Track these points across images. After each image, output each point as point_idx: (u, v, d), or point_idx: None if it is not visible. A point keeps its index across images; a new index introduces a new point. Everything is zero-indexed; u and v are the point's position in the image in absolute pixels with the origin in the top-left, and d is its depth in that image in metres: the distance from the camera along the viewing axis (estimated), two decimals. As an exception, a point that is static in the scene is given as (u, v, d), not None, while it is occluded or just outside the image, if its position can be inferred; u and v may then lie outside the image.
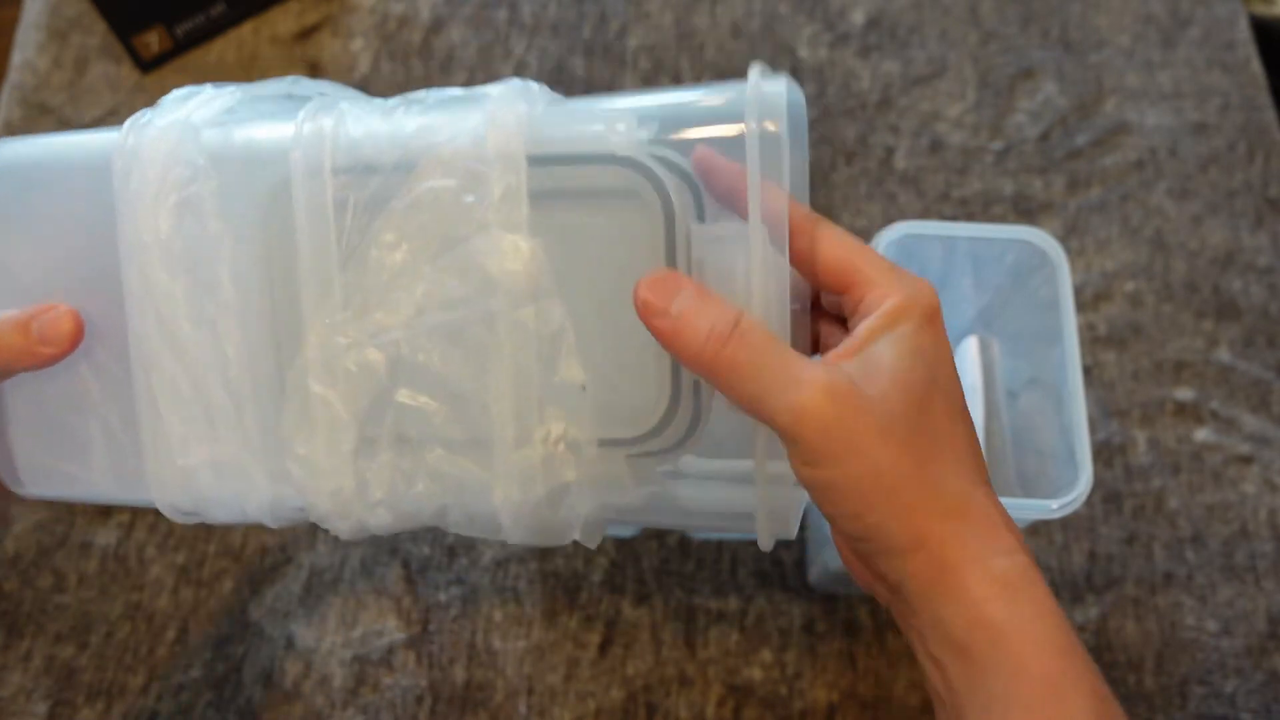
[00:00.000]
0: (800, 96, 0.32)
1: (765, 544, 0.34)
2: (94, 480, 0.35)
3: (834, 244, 0.34)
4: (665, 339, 0.31)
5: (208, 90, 0.35)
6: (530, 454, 0.32)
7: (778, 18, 0.76)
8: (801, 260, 0.34)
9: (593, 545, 0.35)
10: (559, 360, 0.31)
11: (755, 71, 0.32)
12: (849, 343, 0.32)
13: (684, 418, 0.33)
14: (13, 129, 0.72)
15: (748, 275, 0.31)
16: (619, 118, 0.32)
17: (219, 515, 0.35)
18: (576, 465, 0.32)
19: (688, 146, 0.32)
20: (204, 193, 0.32)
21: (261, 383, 0.33)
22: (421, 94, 0.34)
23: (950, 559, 0.30)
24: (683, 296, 0.30)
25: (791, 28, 0.75)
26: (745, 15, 0.76)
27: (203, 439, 0.33)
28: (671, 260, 0.31)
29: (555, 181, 0.31)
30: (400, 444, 0.33)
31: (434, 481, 0.33)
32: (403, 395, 0.32)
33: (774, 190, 0.31)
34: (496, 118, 0.31)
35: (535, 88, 0.34)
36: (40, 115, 0.72)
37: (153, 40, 0.72)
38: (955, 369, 0.33)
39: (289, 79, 0.35)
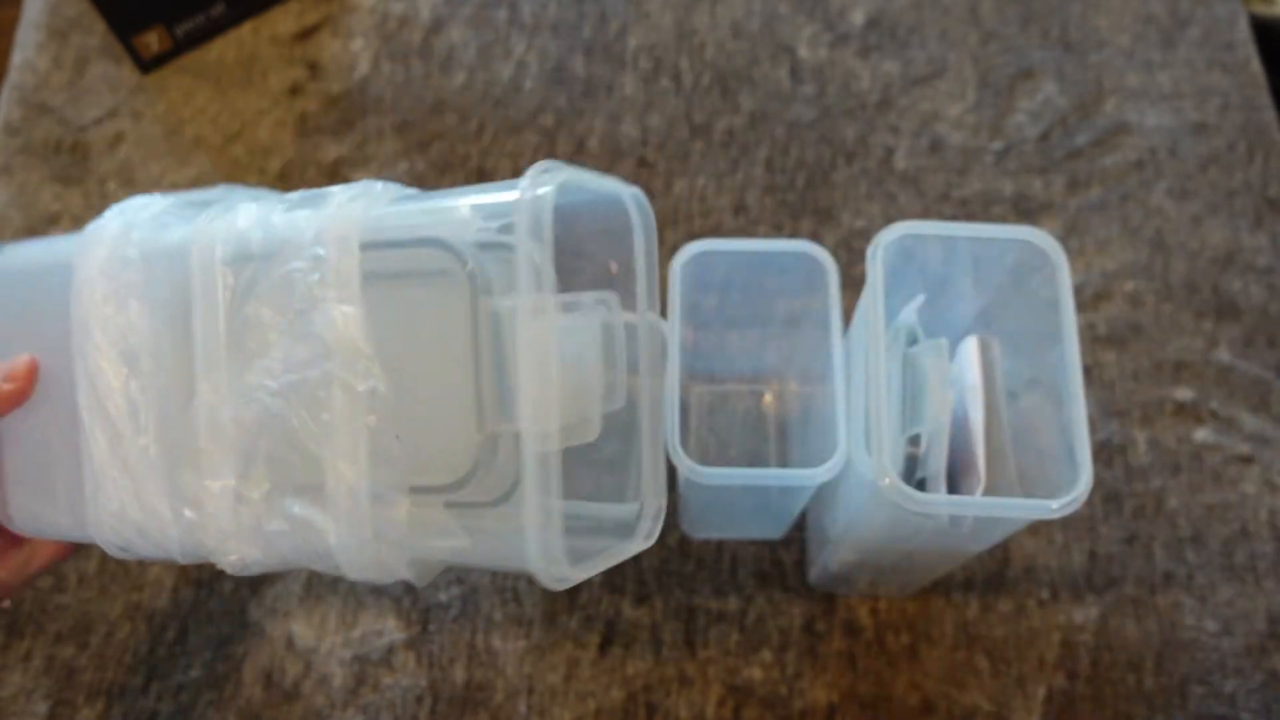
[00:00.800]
0: (627, 198, 0.39)
1: (548, 584, 0.36)
2: (61, 521, 0.41)
3: None
4: None
5: (154, 199, 0.42)
6: (356, 499, 0.36)
7: (778, 18, 0.76)
8: None
9: (420, 585, 0.40)
10: (376, 414, 0.36)
11: (530, 175, 0.35)
12: None
13: (504, 473, 0.36)
14: (13, 129, 0.72)
15: (514, 346, 0.34)
16: (452, 210, 0.37)
17: (147, 553, 0.40)
18: (394, 510, 0.36)
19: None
20: (132, 281, 0.39)
21: (169, 440, 0.39)
22: (295, 195, 0.40)
23: None
24: None
25: (791, 28, 0.75)
26: (745, 15, 0.76)
27: (127, 490, 0.39)
28: (475, 329, 0.35)
29: (388, 263, 0.37)
30: (266, 489, 0.38)
31: (289, 523, 0.37)
32: (267, 446, 0.37)
33: None
34: (338, 210, 0.37)
35: (379, 186, 0.39)
36: (40, 115, 0.72)
37: (153, 40, 0.72)
38: None
39: (222, 187, 0.42)
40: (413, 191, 0.40)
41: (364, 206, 0.38)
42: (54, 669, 0.57)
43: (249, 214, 0.39)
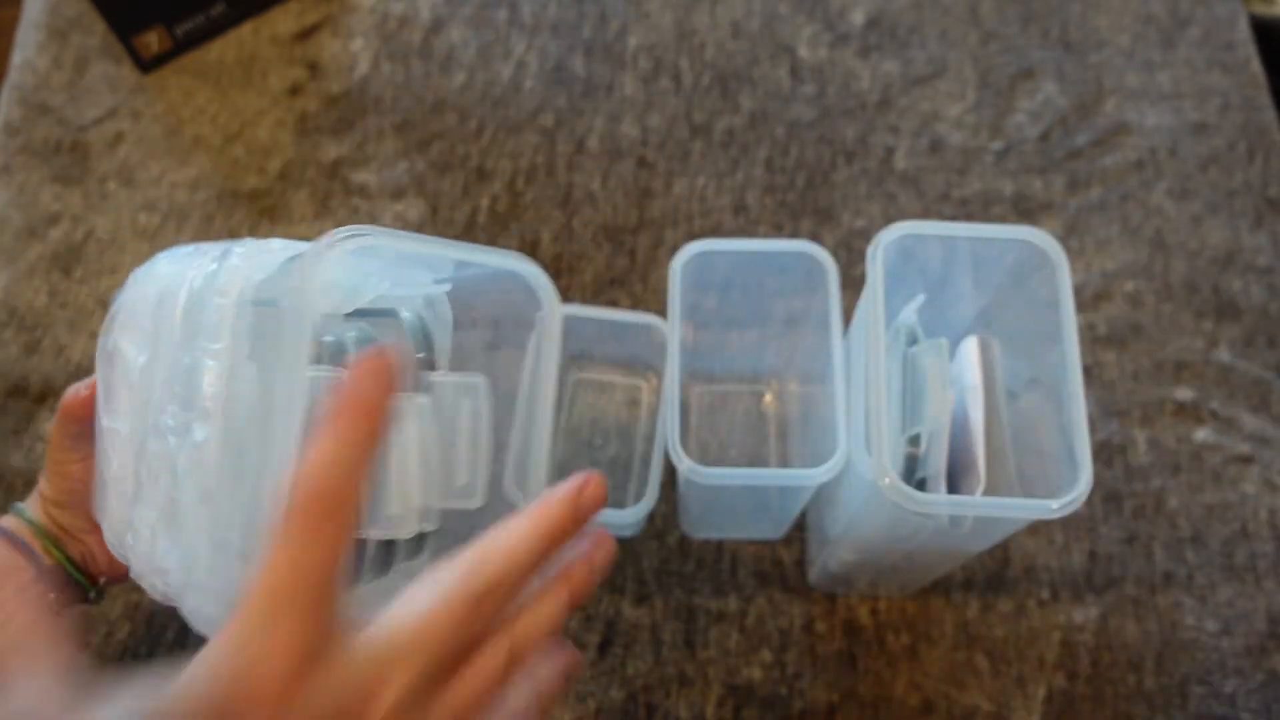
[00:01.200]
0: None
1: None
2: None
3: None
4: None
5: (190, 246, 0.45)
6: (195, 548, 0.37)
7: (778, 18, 0.76)
8: None
9: None
10: (204, 467, 0.37)
11: (316, 243, 0.34)
12: None
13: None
14: (13, 129, 0.72)
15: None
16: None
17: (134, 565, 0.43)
18: (225, 567, 0.37)
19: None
20: (140, 319, 0.41)
21: (135, 467, 0.40)
22: (224, 244, 0.42)
23: None
24: None
25: (791, 28, 0.75)
26: (745, 15, 0.76)
27: (110, 505, 0.41)
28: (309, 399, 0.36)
29: (260, 320, 0.38)
30: (167, 521, 0.39)
31: (184, 559, 0.39)
32: (171, 484, 0.39)
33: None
34: (232, 263, 0.39)
35: (278, 244, 0.40)
36: (40, 115, 0.72)
37: (153, 40, 0.72)
38: None
39: (248, 240, 0.42)
40: (299, 245, 0.41)
41: (259, 262, 0.39)
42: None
43: (215, 264, 0.41)
